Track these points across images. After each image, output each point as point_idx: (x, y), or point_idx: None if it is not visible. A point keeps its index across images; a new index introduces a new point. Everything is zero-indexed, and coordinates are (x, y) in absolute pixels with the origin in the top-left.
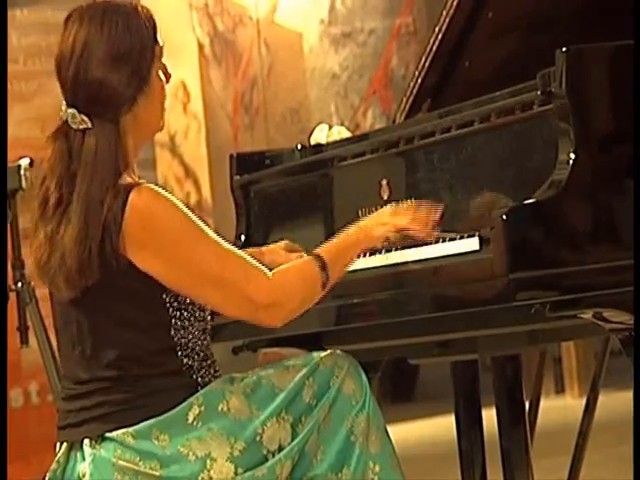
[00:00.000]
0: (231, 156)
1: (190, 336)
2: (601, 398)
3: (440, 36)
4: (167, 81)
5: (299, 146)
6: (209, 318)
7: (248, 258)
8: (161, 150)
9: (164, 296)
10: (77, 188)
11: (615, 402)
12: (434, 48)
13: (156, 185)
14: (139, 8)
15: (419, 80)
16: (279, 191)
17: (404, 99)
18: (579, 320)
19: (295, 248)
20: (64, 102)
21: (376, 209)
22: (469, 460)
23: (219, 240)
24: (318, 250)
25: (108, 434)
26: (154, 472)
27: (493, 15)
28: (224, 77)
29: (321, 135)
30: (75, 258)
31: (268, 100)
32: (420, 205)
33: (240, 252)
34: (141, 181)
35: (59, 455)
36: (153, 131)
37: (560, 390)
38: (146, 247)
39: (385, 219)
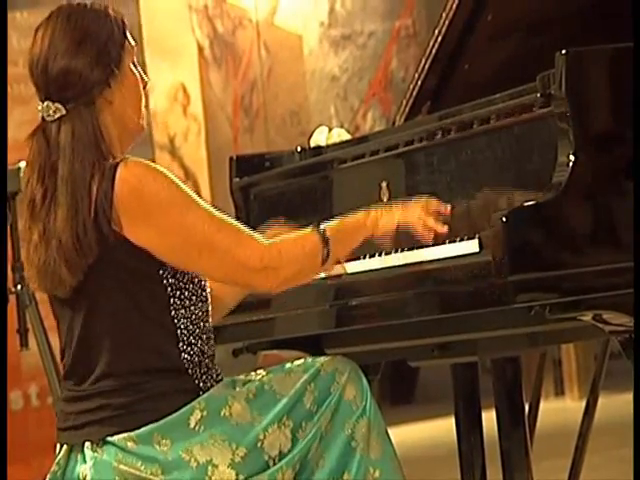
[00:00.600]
0: (231, 158)
1: (193, 316)
2: (601, 400)
3: (440, 38)
4: (144, 86)
5: (299, 148)
6: (209, 299)
7: (240, 225)
8: (161, 152)
9: (161, 272)
10: (60, 173)
11: (615, 404)
12: (434, 50)
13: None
14: (109, 9)
15: (419, 82)
16: (279, 193)
17: (404, 101)
18: (579, 322)
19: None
20: (39, 102)
21: None
22: (469, 462)
23: (210, 208)
24: (323, 225)
25: (109, 438)
26: (155, 478)
27: (493, 18)
28: (224, 79)
29: (321, 137)
30: (70, 234)
31: (268, 102)
32: (431, 203)
33: (233, 220)
34: (127, 156)
35: (59, 457)
36: (133, 126)
37: (560, 392)
38: (138, 218)
39: (394, 212)
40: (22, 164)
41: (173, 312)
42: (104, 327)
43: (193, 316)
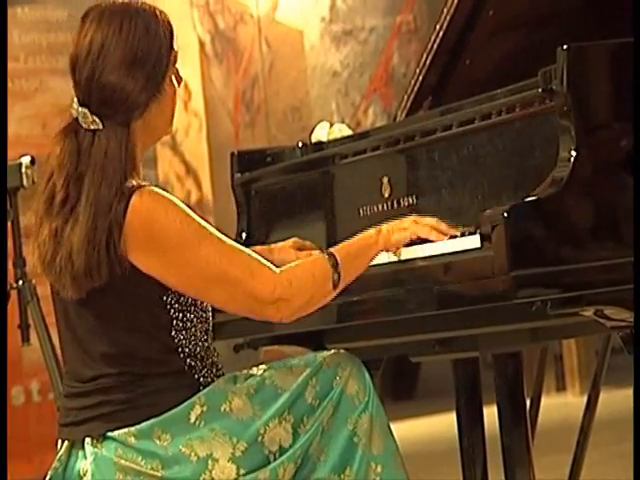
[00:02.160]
0: (232, 154)
1: (192, 337)
2: (602, 396)
3: (441, 34)
4: (179, 85)
5: (300, 144)
6: (211, 318)
7: (253, 254)
8: (162, 148)
9: (165, 298)
10: (85, 190)
11: (616, 400)
12: (435, 46)
13: (157, 186)
14: (158, 13)
15: (420, 78)
16: (280, 189)
17: (405, 97)
18: (580, 317)
19: (305, 245)
20: (76, 99)
21: (377, 207)
22: (470, 458)
23: (222, 238)
24: (332, 249)
25: (110, 433)
26: (156, 472)
27: (494, 13)
28: (225, 75)
29: (322, 133)
30: (83, 259)
31: (269, 98)
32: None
33: (245, 249)
34: (144, 183)
35: (60, 453)
36: (162, 135)
37: (561, 388)
38: (148, 250)
39: (406, 225)
40: (24, 159)
41: (174, 332)
42: (104, 332)
43: (193, 337)
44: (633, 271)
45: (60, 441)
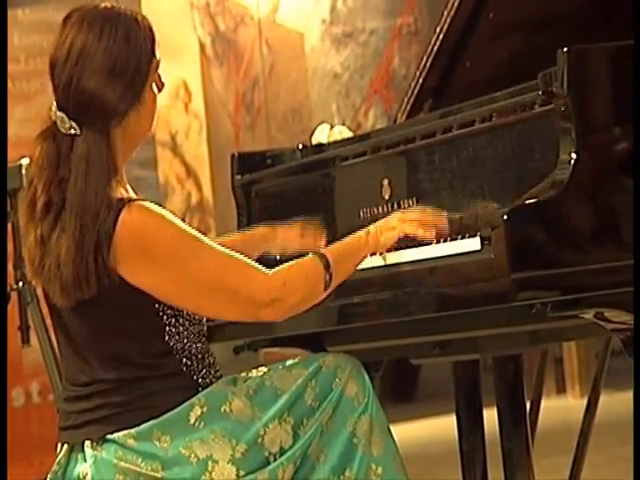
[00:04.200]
0: (232, 156)
1: (185, 340)
2: (602, 398)
3: (441, 36)
4: (159, 91)
5: (300, 146)
6: (205, 320)
7: (245, 259)
8: (162, 149)
9: (157, 305)
10: (69, 197)
11: (617, 402)
12: (435, 48)
13: (151, 202)
14: (139, 19)
15: (420, 80)
16: (280, 191)
17: (405, 99)
18: (580, 320)
19: (309, 233)
20: (55, 103)
21: (377, 209)
22: (470, 460)
23: (214, 245)
24: (323, 250)
25: (109, 436)
26: (155, 474)
27: (494, 15)
28: (225, 77)
29: (322, 135)
30: (71, 269)
31: (269, 100)
32: (427, 211)
33: (236, 254)
34: (133, 196)
35: (60, 456)
36: (142, 139)
37: (561, 390)
38: (138, 263)
39: (393, 224)
40: (24, 161)
41: (167, 338)
42: (98, 339)
43: (185, 340)
44: (633, 273)
45: (60, 444)
